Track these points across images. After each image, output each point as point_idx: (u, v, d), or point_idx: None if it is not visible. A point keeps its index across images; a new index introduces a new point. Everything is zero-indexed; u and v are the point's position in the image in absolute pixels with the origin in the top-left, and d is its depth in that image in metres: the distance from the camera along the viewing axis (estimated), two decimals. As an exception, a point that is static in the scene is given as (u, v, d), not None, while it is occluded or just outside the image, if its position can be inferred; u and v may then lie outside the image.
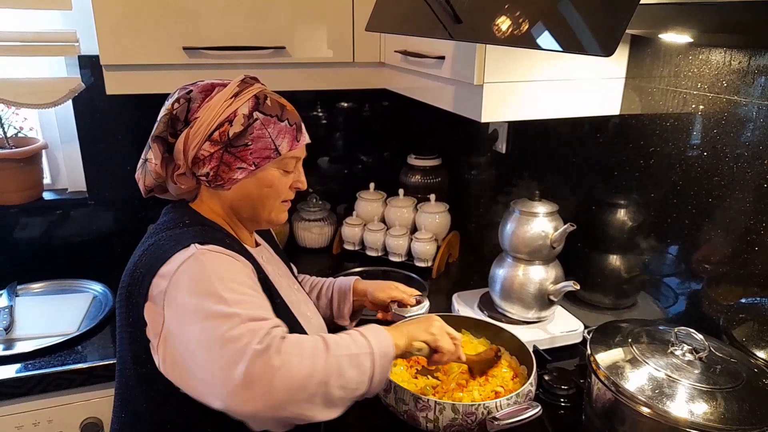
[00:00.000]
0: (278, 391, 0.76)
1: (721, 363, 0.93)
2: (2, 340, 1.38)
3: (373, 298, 1.25)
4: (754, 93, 0.99)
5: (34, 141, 1.74)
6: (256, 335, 0.79)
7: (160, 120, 0.98)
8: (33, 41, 1.51)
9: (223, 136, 0.96)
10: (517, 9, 0.74)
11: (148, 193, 1.04)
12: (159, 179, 1.01)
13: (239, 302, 0.82)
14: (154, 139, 0.98)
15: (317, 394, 0.79)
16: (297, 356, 0.79)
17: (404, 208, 1.84)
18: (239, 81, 1.00)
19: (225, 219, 1.04)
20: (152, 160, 0.99)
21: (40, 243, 1.78)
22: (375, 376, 0.86)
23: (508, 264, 1.38)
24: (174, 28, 1.43)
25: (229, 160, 0.97)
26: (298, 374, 0.78)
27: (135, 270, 0.93)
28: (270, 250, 1.19)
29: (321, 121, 2.00)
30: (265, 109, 0.99)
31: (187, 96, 0.98)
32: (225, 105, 0.97)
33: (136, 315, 0.90)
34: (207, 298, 0.82)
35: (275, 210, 1.06)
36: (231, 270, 0.88)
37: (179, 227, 0.96)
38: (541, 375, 1.20)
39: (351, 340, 0.87)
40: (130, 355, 0.94)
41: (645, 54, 1.21)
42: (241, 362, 0.76)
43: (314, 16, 1.52)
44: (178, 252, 0.88)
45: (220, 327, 0.79)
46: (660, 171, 1.20)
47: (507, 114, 1.20)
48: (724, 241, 1.08)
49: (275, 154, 0.99)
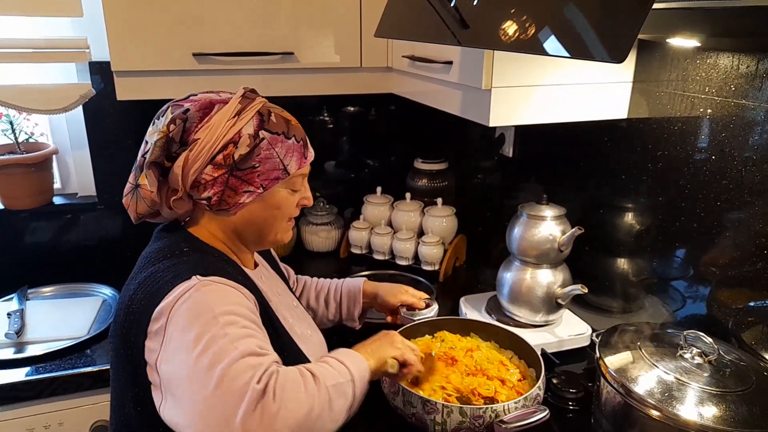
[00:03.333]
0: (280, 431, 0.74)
1: (730, 366, 0.93)
2: (13, 343, 1.40)
3: (383, 302, 1.25)
4: (762, 97, 1.00)
5: (45, 146, 1.76)
6: (256, 373, 0.75)
7: (155, 144, 0.89)
8: (44, 48, 1.53)
9: (228, 158, 0.89)
10: (524, 14, 0.75)
11: (138, 219, 0.96)
12: (154, 206, 0.93)
13: (240, 336, 0.79)
14: (149, 166, 0.90)
15: (312, 430, 0.78)
16: (294, 393, 0.77)
17: (411, 212, 1.84)
18: (240, 97, 0.93)
19: (226, 243, 0.98)
20: (147, 187, 0.90)
21: (51, 247, 1.79)
22: (354, 404, 0.85)
23: (515, 267, 1.39)
24: (183, 35, 1.44)
25: (235, 184, 0.91)
26: (298, 414, 0.76)
27: (131, 305, 0.86)
28: (267, 267, 1.15)
29: (327, 125, 2.01)
30: (271, 126, 0.92)
31: (183, 116, 0.89)
32: (228, 125, 0.89)
33: (136, 354, 0.84)
34: (207, 331, 0.78)
35: (281, 231, 1.01)
36: (234, 302, 0.84)
37: (176, 256, 0.89)
38: (550, 378, 1.20)
39: (333, 370, 0.85)
40: (130, 394, 0.88)
41: (653, 58, 1.22)
42: (241, 403, 0.73)
43: (322, 22, 1.53)
44: (178, 285, 0.82)
45: (219, 362, 0.75)
46: (668, 174, 1.21)
47: (514, 118, 1.20)
48: (733, 245, 1.08)
49: (284, 174, 0.94)
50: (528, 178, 1.70)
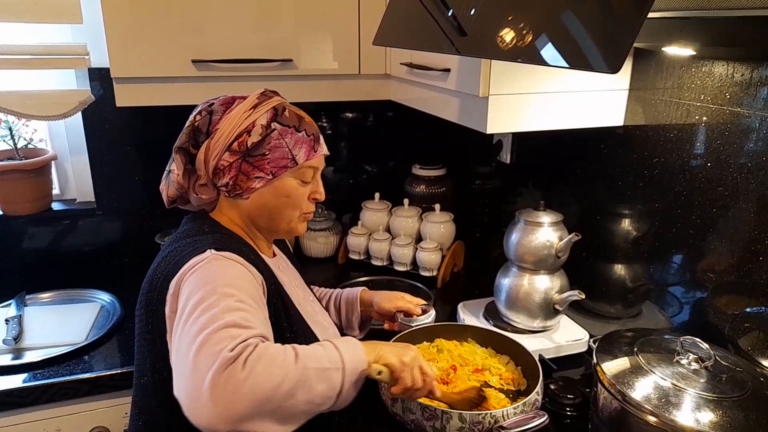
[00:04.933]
0: (242, 401, 0.74)
1: (726, 372, 0.93)
2: (11, 349, 1.39)
3: (379, 308, 1.26)
4: (756, 105, 1.01)
5: (44, 152, 1.76)
6: (233, 341, 0.77)
7: (183, 131, 1.01)
8: (44, 54, 1.53)
9: (242, 146, 0.98)
10: (521, 23, 0.76)
11: (171, 203, 1.07)
12: (181, 190, 1.03)
13: (231, 309, 0.82)
14: (176, 150, 1.01)
15: (282, 407, 0.77)
16: (267, 366, 0.77)
17: (409, 218, 1.85)
18: (259, 94, 1.03)
19: (244, 229, 1.06)
20: (175, 171, 1.02)
21: (49, 253, 1.79)
22: (343, 393, 0.83)
23: (513, 273, 1.39)
24: (183, 41, 1.45)
25: (247, 170, 0.99)
26: (264, 385, 0.75)
27: (154, 276, 0.95)
28: (286, 261, 1.20)
29: (326, 131, 2.01)
30: (283, 119, 1.01)
31: (209, 108, 1.01)
32: (244, 116, 0.99)
33: (156, 321, 0.92)
34: (204, 299, 0.82)
35: (294, 221, 1.07)
36: (238, 277, 0.89)
37: (198, 234, 0.98)
38: (547, 384, 1.20)
39: (324, 353, 0.84)
40: (148, 362, 0.94)
41: (648, 66, 1.23)
42: (210, 368, 0.74)
43: (321, 29, 1.54)
44: (194, 257, 0.90)
45: (203, 328, 0.79)
46: (664, 181, 1.22)
47: (512, 125, 1.21)
48: (729, 251, 1.08)
49: (292, 163, 1.01)
50: (525, 185, 1.71)
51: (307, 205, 1.07)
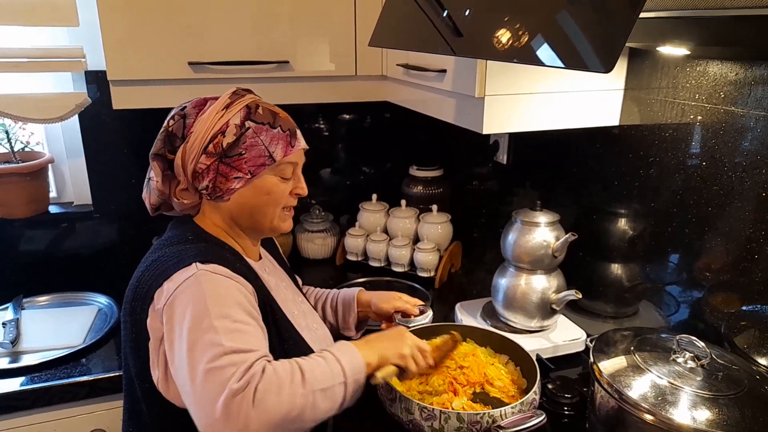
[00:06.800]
0: (255, 428, 0.77)
1: (723, 370, 0.93)
2: (8, 353, 1.39)
3: (377, 309, 1.26)
4: (751, 104, 1.01)
5: (41, 155, 1.76)
6: (238, 370, 0.79)
7: (158, 138, 1.00)
8: (40, 57, 1.53)
9: (217, 147, 0.97)
10: (516, 24, 0.76)
11: (155, 211, 1.06)
12: (162, 196, 1.02)
13: (229, 331, 0.83)
14: (153, 157, 1.00)
15: (290, 428, 0.81)
16: (275, 394, 0.79)
17: (406, 219, 1.85)
18: (231, 93, 1.02)
19: (227, 231, 1.05)
20: (154, 178, 1.00)
21: (46, 256, 1.79)
22: (345, 402, 0.88)
23: (510, 273, 1.40)
24: (179, 44, 1.45)
25: (225, 171, 0.98)
26: (275, 414, 0.79)
27: (138, 285, 0.94)
28: (273, 263, 1.19)
29: (323, 132, 2.02)
30: (257, 117, 0.99)
31: (181, 112, 1.00)
32: (217, 117, 0.98)
33: (139, 330, 0.92)
34: (199, 324, 0.83)
35: (276, 218, 1.05)
36: (229, 294, 0.88)
37: (182, 243, 0.97)
38: (545, 383, 1.20)
39: (328, 369, 0.87)
40: (134, 370, 0.95)
41: (643, 66, 1.23)
42: (219, 398, 0.77)
43: (317, 31, 1.55)
44: (180, 270, 0.89)
45: (204, 355, 0.80)
46: (660, 180, 1.22)
47: (508, 126, 1.21)
48: (725, 250, 1.09)
49: (270, 161, 1.00)
50: (522, 185, 1.71)
51: (288, 200, 1.06)
